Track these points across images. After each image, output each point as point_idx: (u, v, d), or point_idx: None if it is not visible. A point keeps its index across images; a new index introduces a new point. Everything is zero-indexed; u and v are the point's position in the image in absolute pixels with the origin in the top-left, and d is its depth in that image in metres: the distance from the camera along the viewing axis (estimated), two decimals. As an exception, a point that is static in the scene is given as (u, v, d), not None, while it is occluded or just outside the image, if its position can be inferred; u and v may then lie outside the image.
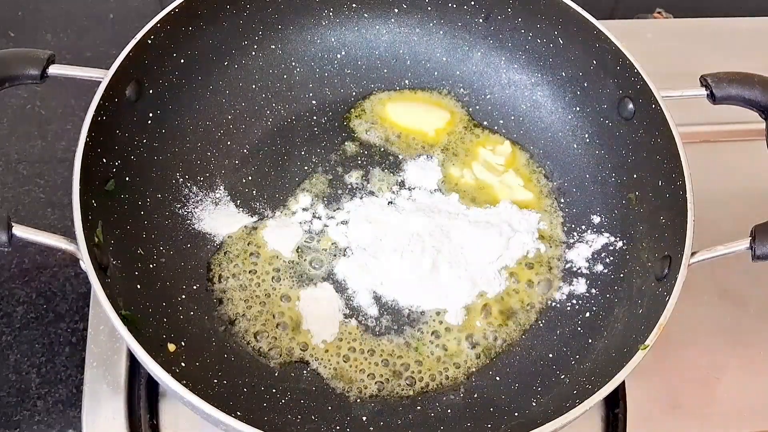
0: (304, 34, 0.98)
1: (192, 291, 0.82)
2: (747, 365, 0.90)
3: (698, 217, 0.76)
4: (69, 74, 0.79)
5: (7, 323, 0.88)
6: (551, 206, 0.92)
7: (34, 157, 0.99)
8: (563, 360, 0.80)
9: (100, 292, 0.68)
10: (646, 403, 0.86)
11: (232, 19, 0.92)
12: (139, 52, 0.82)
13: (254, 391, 0.77)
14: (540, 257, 0.88)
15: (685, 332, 0.90)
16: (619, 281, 0.84)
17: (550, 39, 0.93)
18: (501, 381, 0.81)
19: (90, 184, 0.75)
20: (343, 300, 0.84)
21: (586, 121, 0.93)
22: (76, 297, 0.90)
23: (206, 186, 0.89)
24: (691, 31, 1.17)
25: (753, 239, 0.74)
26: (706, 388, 0.88)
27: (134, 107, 0.84)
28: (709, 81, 0.82)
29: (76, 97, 1.02)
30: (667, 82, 0.83)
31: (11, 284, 0.90)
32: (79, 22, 1.13)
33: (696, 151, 0.82)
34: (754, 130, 0.89)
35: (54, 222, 0.94)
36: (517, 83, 0.97)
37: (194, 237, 0.86)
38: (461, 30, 0.98)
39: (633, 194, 0.87)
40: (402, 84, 0.99)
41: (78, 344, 0.87)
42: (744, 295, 0.94)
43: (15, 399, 0.84)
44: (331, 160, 0.93)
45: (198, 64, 0.91)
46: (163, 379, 0.67)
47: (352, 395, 0.79)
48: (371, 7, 0.98)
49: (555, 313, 0.85)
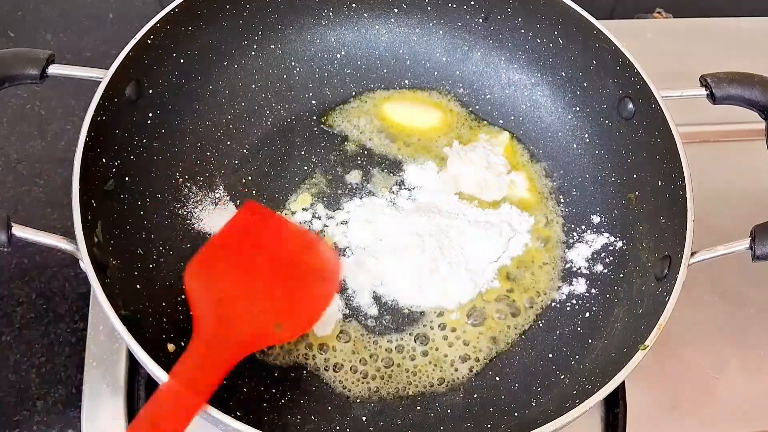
0: (304, 34, 0.98)
1: (192, 291, 0.82)
2: (747, 365, 0.90)
3: (698, 217, 0.76)
4: (69, 74, 0.79)
5: (7, 323, 0.88)
6: (551, 206, 0.92)
7: (34, 157, 0.99)
8: (563, 360, 0.80)
9: (100, 292, 0.68)
10: (646, 403, 0.86)
11: (232, 19, 0.92)
12: (139, 52, 0.82)
13: (254, 391, 0.77)
14: (540, 257, 0.88)
15: (685, 332, 0.90)
16: (619, 281, 0.84)
17: (549, 39, 0.93)
18: (501, 381, 0.81)
19: (90, 184, 0.75)
20: (343, 300, 0.84)
21: (586, 121, 0.93)
22: (76, 297, 0.90)
23: (206, 186, 0.89)
24: (691, 31, 1.17)
25: (753, 239, 0.74)
26: (705, 388, 0.88)
27: (134, 107, 0.84)
28: (709, 81, 0.82)
29: (76, 97, 1.02)
30: (666, 82, 0.83)
31: (11, 284, 0.90)
32: (79, 22, 1.13)
33: (696, 151, 0.83)
34: (754, 130, 0.89)
35: (54, 222, 0.94)
36: (516, 83, 0.97)
37: (194, 237, 0.86)
38: (461, 30, 0.98)
39: (633, 194, 0.87)
40: (402, 84, 0.99)
41: (78, 344, 0.87)
42: (744, 295, 0.94)
43: (15, 399, 0.84)
44: (330, 160, 0.93)
45: (198, 64, 0.91)
46: (163, 380, 0.67)
47: (352, 395, 0.79)
48: (371, 7, 0.98)
49: (555, 313, 0.85)
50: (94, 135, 0.77)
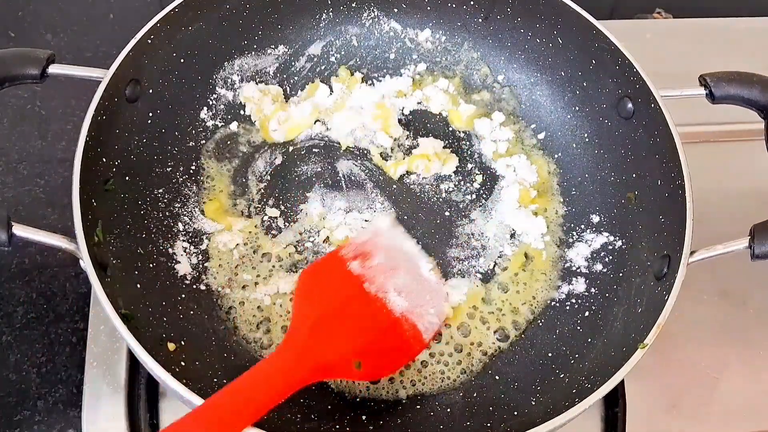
0: (304, 33, 0.98)
1: (192, 291, 0.83)
2: (746, 365, 0.90)
3: (697, 216, 0.76)
4: (69, 74, 0.79)
5: (7, 323, 0.88)
6: (551, 205, 0.92)
7: (34, 157, 0.99)
8: (562, 359, 0.80)
9: (100, 291, 0.69)
10: (645, 401, 0.86)
11: (232, 19, 0.92)
12: (139, 52, 0.83)
13: (254, 391, 0.77)
14: (539, 256, 0.88)
15: (685, 331, 0.90)
16: (619, 280, 0.84)
17: (549, 39, 0.93)
18: (500, 380, 0.81)
19: (90, 184, 0.75)
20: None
21: (586, 120, 0.93)
22: (76, 297, 0.90)
23: (206, 186, 0.89)
24: (691, 31, 1.17)
25: (752, 238, 0.74)
26: (705, 388, 0.88)
27: (134, 107, 0.84)
28: (708, 80, 0.82)
29: (76, 97, 1.03)
30: (666, 81, 0.84)
31: (11, 284, 0.90)
32: (79, 22, 1.13)
33: (695, 151, 0.83)
34: (754, 130, 0.89)
35: (54, 222, 0.94)
36: (516, 83, 0.98)
37: (194, 237, 0.86)
38: (461, 30, 0.98)
39: (632, 193, 0.87)
40: (402, 83, 0.99)
41: (78, 344, 0.87)
42: (744, 295, 0.94)
43: (15, 399, 0.84)
44: (330, 158, 0.93)
45: (198, 64, 0.91)
46: (163, 379, 0.67)
47: (352, 394, 0.79)
48: (371, 6, 0.98)
49: (554, 312, 0.85)
50: (94, 135, 0.77)
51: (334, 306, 0.76)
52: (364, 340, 0.76)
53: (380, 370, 0.77)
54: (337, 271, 0.79)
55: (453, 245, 0.88)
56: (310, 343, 0.72)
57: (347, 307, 0.77)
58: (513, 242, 0.89)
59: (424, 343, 0.80)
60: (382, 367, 0.77)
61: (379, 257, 0.80)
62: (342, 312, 0.76)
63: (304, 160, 0.93)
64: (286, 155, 0.93)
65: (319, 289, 0.78)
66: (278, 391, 0.67)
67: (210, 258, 0.85)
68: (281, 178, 0.92)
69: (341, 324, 0.75)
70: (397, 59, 1.00)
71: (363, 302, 0.77)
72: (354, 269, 0.79)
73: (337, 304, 0.77)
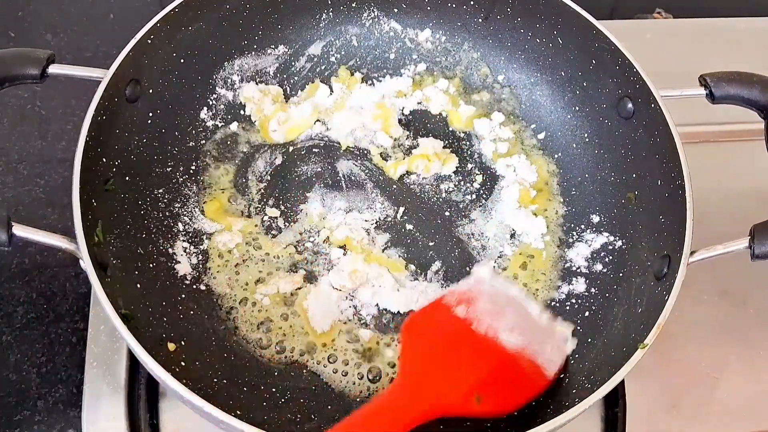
0: (304, 33, 0.98)
1: (192, 291, 0.83)
2: (746, 365, 0.90)
3: (697, 216, 0.76)
4: (69, 74, 0.79)
5: (7, 323, 0.88)
6: (551, 205, 0.92)
7: (34, 157, 0.99)
8: (563, 359, 0.80)
9: (100, 291, 0.69)
10: (646, 402, 0.86)
11: (232, 19, 0.92)
12: (139, 52, 0.83)
13: (254, 391, 0.77)
14: (539, 256, 0.88)
15: (685, 331, 0.90)
16: (619, 280, 0.84)
17: (549, 39, 0.93)
18: (500, 380, 0.81)
19: (90, 184, 0.75)
20: (343, 300, 0.84)
21: (586, 120, 0.93)
22: (76, 297, 0.90)
23: (206, 186, 0.89)
24: (691, 31, 1.17)
25: (752, 238, 0.74)
26: (705, 388, 0.88)
27: (134, 107, 0.84)
28: (708, 80, 0.82)
29: (76, 97, 1.02)
30: (666, 81, 0.84)
31: (11, 284, 0.90)
32: (79, 22, 1.13)
33: (695, 151, 0.83)
34: (754, 130, 0.89)
35: (54, 222, 0.94)
36: (516, 83, 0.98)
37: (194, 237, 0.86)
38: (461, 30, 0.98)
39: (632, 194, 0.87)
40: (402, 83, 0.99)
41: (78, 344, 0.87)
42: (744, 295, 0.94)
43: (15, 399, 0.84)
44: (330, 158, 0.94)
45: (198, 64, 0.91)
46: (163, 379, 0.67)
47: (352, 394, 0.79)
48: (371, 6, 0.98)
49: (554, 312, 0.85)
50: (94, 135, 0.77)
51: (444, 345, 0.75)
52: (479, 376, 0.73)
53: (501, 405, 0.74)
54: (443, 316, 0.77)
55: (453, 245, 0.88)
56: (423, 380, 0.71)
57: (458, 345, 0.75)
58: (513, 242, 0.89)
59: (547, 378, 0.77)
60: (504, 401, 0.74)
61: (484, 302, 0.77)
62: (453, 350, 0.75)
63: (304, 160, 0.93)
64: (286, 155, 0.93)
65: (426, 333, 0.76)
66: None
67: (210, 258, 0.85)
68: (281, 178, 0.92)
69: (453, 360, 0.74)
70: (397, 59, 1.00)
71: (473, 341, 0.75)
72: (460, 313, 0.77)
73: (447, 344, 0.75)
